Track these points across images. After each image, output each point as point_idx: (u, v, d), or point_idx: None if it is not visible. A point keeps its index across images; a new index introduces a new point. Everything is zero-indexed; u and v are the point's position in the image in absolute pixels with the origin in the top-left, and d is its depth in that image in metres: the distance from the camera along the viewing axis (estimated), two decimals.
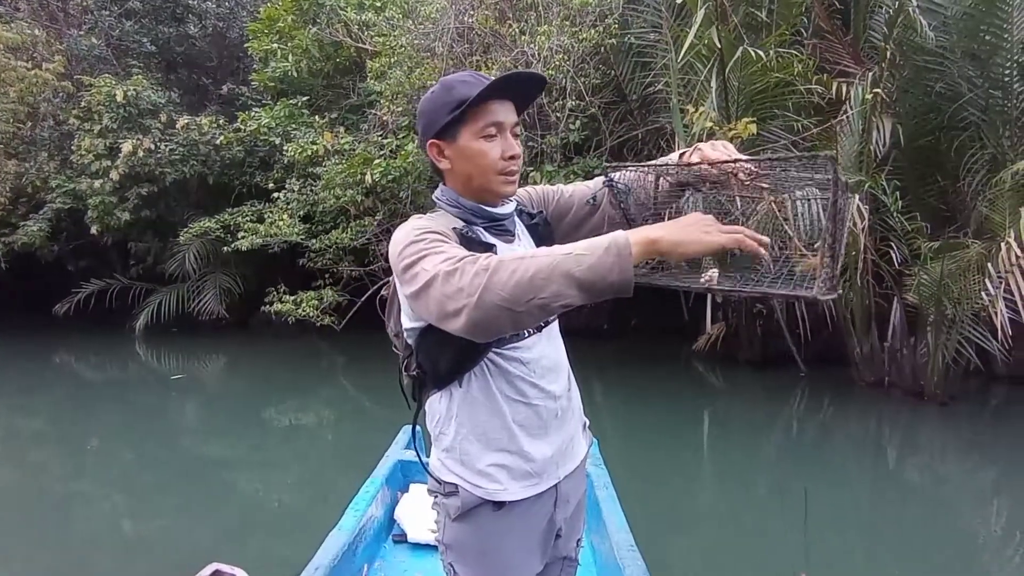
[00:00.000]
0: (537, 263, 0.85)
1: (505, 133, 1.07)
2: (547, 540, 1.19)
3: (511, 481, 1.11)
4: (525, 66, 5.71)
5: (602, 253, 0.84)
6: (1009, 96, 5.69)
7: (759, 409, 5.89)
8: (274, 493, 3.97)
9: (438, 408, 1.15)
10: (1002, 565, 3.15)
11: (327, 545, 1.92)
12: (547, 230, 1.19)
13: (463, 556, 1.15)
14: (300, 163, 7.26)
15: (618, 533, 1.95)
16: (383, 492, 2.39)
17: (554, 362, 1.16)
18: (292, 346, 8.62)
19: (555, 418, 1.15)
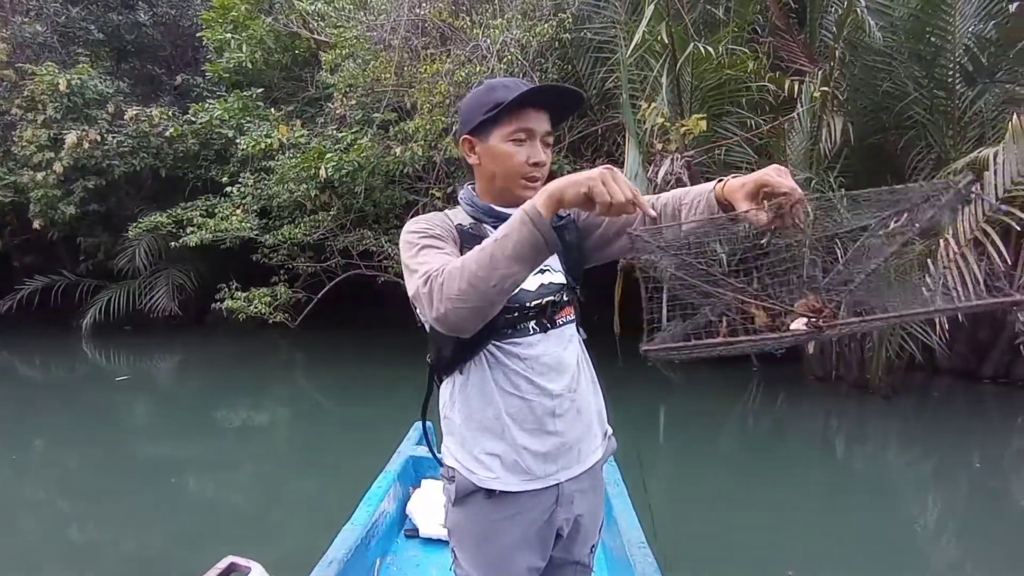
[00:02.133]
0: (476, 258, 0.94)
1: (534, 140, 1.12)
2: (546, 537, 1.19)
3: (504, 471, 1.14)
4: (480, 59, 5.65)
5: (519, 227, 0.93)
6: (952, 97, 5.83)
7: (715, 404, 5.96)
8: (228, 495, 3.86)
9: (444, 394, 1.21)
10: (938, 551, 3.25)
11: (340, 539, 1.94)
12: (575, 235, 1.23)
13: (461, 541, 1.20)
14: (255, 157, 7.08)
15: (629, 530, 1.96)
16: (395, 487, 2.42)
17: (557, 361, 1.17)
18: (250, 343, 8.42)
19: (551, 416, 1.16)
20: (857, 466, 4.69)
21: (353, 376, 6.87)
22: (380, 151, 6.11)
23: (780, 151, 5.62)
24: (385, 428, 5.19)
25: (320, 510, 3.55)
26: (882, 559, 3.02)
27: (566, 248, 1.19)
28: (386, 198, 6.58)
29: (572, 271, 1.22)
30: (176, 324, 8.86)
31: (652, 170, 5.23)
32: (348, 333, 9.24)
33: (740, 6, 6.07)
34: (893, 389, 5.44)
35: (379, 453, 4.56)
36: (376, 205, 6.88)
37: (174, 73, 9.54)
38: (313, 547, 1.96)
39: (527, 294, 1.14)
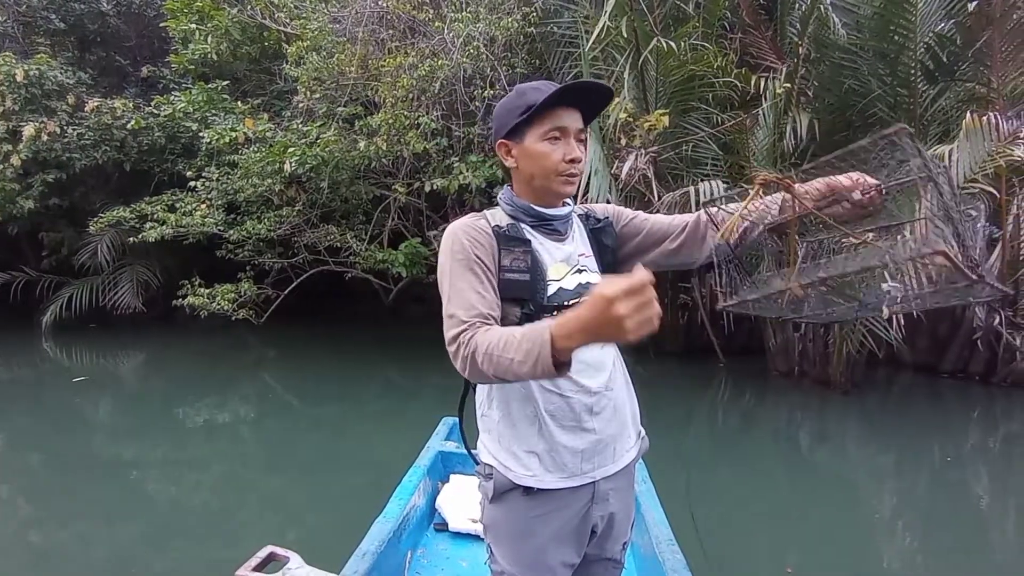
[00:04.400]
0: (498, 361, 0.98)
1: (569, 138, 1.14)
2: (581, 534, 1.21)
3: (542, 470, 1.16)
4: (444, 53, 5.59)
5: (529, 367, 0.95)
6: (914, 94, 5.90)
7: (682, 397, 5.99)
8: (195, 495, 3.78)
9: (482, 392, 1.23)
10: (898, 542, 3.31)
11: (373, 532, 1.97)
12: (612, 239, 1.28)
13: (498, 538, 1.21)
14: (220, 151, 6.95)
15: (657, 527, 1.97)
16: (425, 482, 2.46)
17: (596, 360, 1.19)
18: (219, 341, 8.29)
19: (589, 413, 1.17)
20: (820, 459, 4.75)
21: (323, 373, 6.80)
22: (346, 146, 6.02)
23: (743, 147, 5.63)
24: (355, 425, 5.18)
25: (288, 508, 3.51)
26: (843, 549, 3.06)
27: (602, 250, 1.24)
28: (353, 193, 6.50)
29: (607, 273, 1.24)
30: (143, 321, 8.69)
31: (616, 166, 5.22)
32: (320, 329, 9.15)
33: (710, 2, 6.07)
34: (854, 384, 5.50)
35: (349, 450, 4.56)
36: (345, 201, 6.80)
37: (140, 64, 9.32)
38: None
39: (566, 293, 1.16)
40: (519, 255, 1.14)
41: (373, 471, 3.88)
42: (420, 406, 5.62)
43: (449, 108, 6.48)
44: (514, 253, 1.14)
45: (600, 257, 1.25)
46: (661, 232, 1.29)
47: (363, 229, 6.98)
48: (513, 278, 1.13)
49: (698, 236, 1.27)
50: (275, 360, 7.94)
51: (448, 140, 6.61)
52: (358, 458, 4.34)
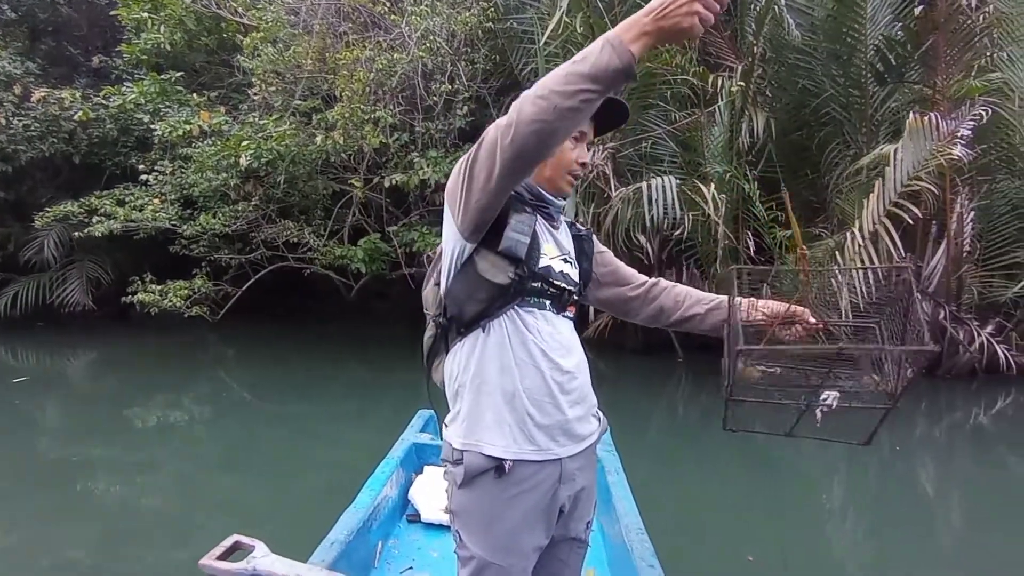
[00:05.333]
0: (552, 77, 0.96)
1: (583, 142, 1.23)
2: (550, 515, 1.23)
3: (512, 442, 1.17)
4: (402, 47, 5.52)
5: (599, 51, 0.94)
6: (865, 95, 6.05)
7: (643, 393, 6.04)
8: (148, 497, 3.65)
9: (458, 361, 1.22)
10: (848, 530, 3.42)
11: (342, 522, 1.96)
12: (590, 255, 1.37)
13: (468, 523, 1.21)
14: (174, 143, 6.76)
15: (627, 516, 2.01)
16: (398, 473, 2.46)
17: (568, 342, 1.25)
18: (176, 339, 8.07)
19: (561, 391, 1.21)
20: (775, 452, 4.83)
21: (285, 371, 6.68)
22: (303, 140, 5.91)
23: (699, 144, 5.71)
24: (317, 423, 5.09)
25: (246, 509, 3.41)
26: (800, 538, 3.14)
27: (580, 257, 1.32)
28: (311, 188, 6.38)
29: (581, 279, 1.33)
30: (94, 319, 8.41)
31: None
32: (282, 326, 8.99)
33: None
34: None
35: (311, 449, 4.47)
36: (304, 196, 6.68)
37: (91, 54, 9.02)
38: None
39: (554, 272, 1.23)
40: (525, 219, 1.18)
41: (336, 470, 3.83)
42: (385, 403, 5.56)
43: (409, 103, 6.42)
44: (521, 216, 1.18)
45: (579, 263, 1.32)
46: (626, 278, 1.43)
47: (322, 225, 6.87)
48: (516, 237, 1.16)
49: (648, 297, 1.41)
50: (235, 358, 7.77)
51: (409, 135, 6.55)
52: (320, 456, 4.26)
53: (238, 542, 1.74)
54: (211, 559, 1.66)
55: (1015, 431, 5.19)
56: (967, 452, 4.82)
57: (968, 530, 3.45)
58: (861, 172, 5.51)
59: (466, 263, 1.17)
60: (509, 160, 1.02)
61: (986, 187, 6.04)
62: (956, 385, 5.98)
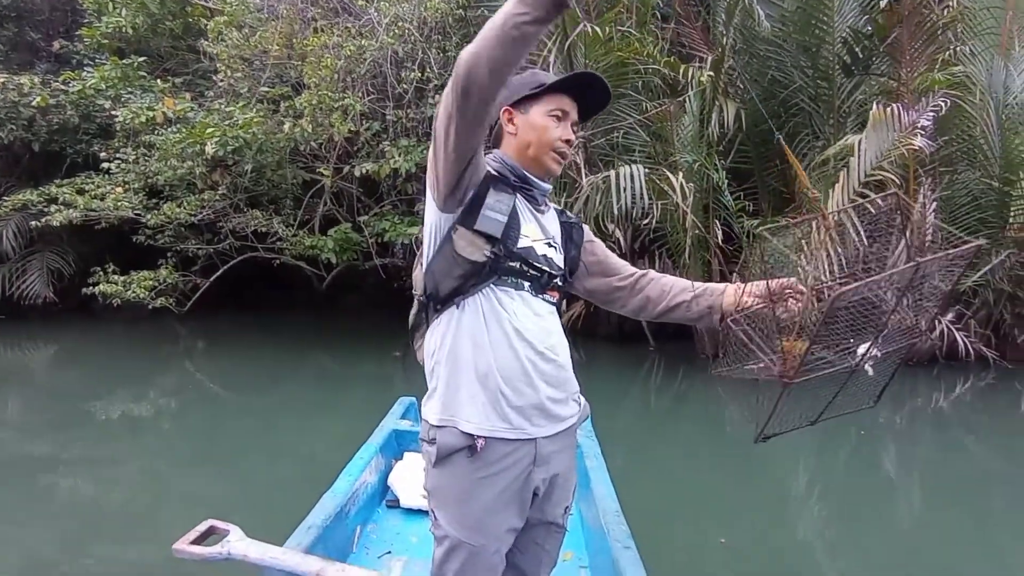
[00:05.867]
0: (490, 26, 0.98)
1: (567, 121, 1.25)
2: (523, 497, 1.23)
3: (485, 420, 1.18)
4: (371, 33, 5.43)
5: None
6: (833, 87, 6.13)
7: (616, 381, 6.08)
8: (115, 493, 3.55)
9: (435, 338, 1.23)
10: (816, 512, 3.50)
11: (320, 506, 1.95)
12: (579, 243, 1.38)
13: (442, 502, 1.23)
14: (137, 130, 6.57)
15: (604, 500, 2.03)
16: (377, 459, 2.45)
17: (547, 325, 1.25)
18: (143, 332, 7.88)
19: (535, 371, 1.21)
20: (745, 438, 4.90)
21: (255, 363, 6.57)
22: (271, 127, 5.80)
23: (669, 134, 5.73)
24: (287, 416, 5.01)
25: (215, 501, 3.34)
26: (770, 521, 3.21)
27: (567, 245, 1.33)
28: (280, 177, 6.26)
29: (566, 265, 1.34)
30: (56, 312, 8.16)
31: None
32: (252, 318, 8.85)
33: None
34: None
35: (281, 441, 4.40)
36: (274, 185, 6.56)
37: (53, 39, 8.72)
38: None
39: (535, 254, 1.23)
40: (503, 199, 1.19)
41: (306, 461, 3.79)
42: (355, 395, 5.52)
43: (380, 91, 6.34)
44: (499, 195, 1.19)
45: (566, 249, 1.33)
46: (614, 268, 1.43)
47: (292, 214, 6.75)
48: (492, 216, 1.17)
49: (636, 288, 1.41)
50: (204, 350, 7.63)
51: (381, 124, 6.46)
52: (290, 448, 4.20)
53: (213, 527, 1.73)
54: (185, 543, 1.65)
55: (973, 415, 5.36)
56: (928, 436, 4.96)
57: (928, 509, 3.57)
58: (828, 162, 5.60)
59: (445, 241, 1.18)
60: (462, 100, 1.01)
61: (948, 178, 6.18)
62: (918, 371, 6.13)
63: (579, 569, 2.00)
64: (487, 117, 1.08)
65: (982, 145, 5.96)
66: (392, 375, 6.18)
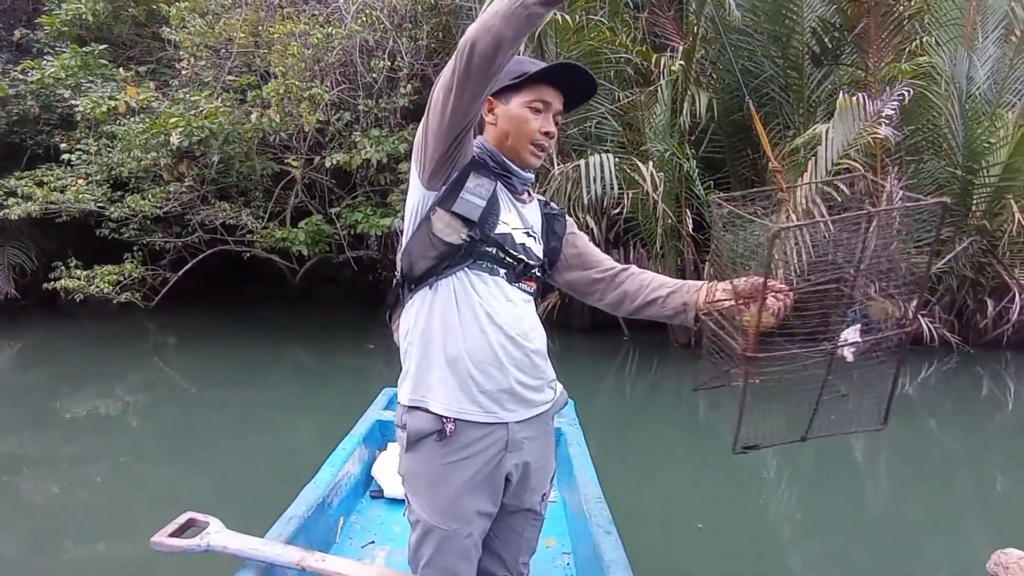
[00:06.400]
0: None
1: (548, 113, 1.23)
2: (495, 483, 1.24)
3: (455, 402, 1.19)
4: (339, 21, 5.34)
5: None
6: (803, 77, 6.18)
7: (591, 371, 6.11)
8: (83, 492, 3.46)
9: (407, 320, 1.24)
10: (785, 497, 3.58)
11: (301, 497, 1.94)
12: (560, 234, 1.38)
13: (414, 487, 1.24)
14: (99, 120, 6.39)
15: (587, 487, 2.05)
16: (360, 450, 2.44)
17: (520, 312, 1.25)
18: (111, 328, 7.69)
19: (507, 356, 1.21)
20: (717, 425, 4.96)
21: (228, 358, 6.46)
22: (238, 117, 5.67)
23: (640, 123, 5.74)
24: (261, 411, 4.94)
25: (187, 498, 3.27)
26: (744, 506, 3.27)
27: (549, 236, 1.33)
28: (249, 168, 6.14)
29: (546, 256, 1.34)
30: (19, 309, 7.93)
31: None
32: (225, 312, 8.68)
33: None
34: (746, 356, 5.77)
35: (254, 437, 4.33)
36: (243, 177, 6.43)
37: (14, 28, 8.42)
38: None
39: (512, 241, 1.23)
40: (484, 183, 1.19)
41: (281, 456, 3.74)
42: (331, 388, 5.46)
43: (351, 81, 6.24)
44: (480, 179, 1.19)
45: (546, 240, 1.33)
46: (595, 260, 1.41)
47: (263, 206, 6.63)
48: (471, 199, 1.18)
49: (615, 282, 1.39)
50: (175, 346, 7.48)
51: (352, 114, 6.36)
52: (264, 443, 4.14)
53: (192, 519, 1.72)
54: (163, 536, 1.64)
55: (937, 399, 5.49)
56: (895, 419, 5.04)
57: (895, 491, 3.68)
58: (798, 151, 5.65)
59: (423, 221, 1.19)
60: (463, 73, 1.02)
61: (913, 167, 6.29)
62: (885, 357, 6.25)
63: (562, 555, 2.02)
64: (484, 92, 1.08)
65: (946, 134, 6.07)
66: (367, 367, 6.13)
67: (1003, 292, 6.45)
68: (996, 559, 1.08)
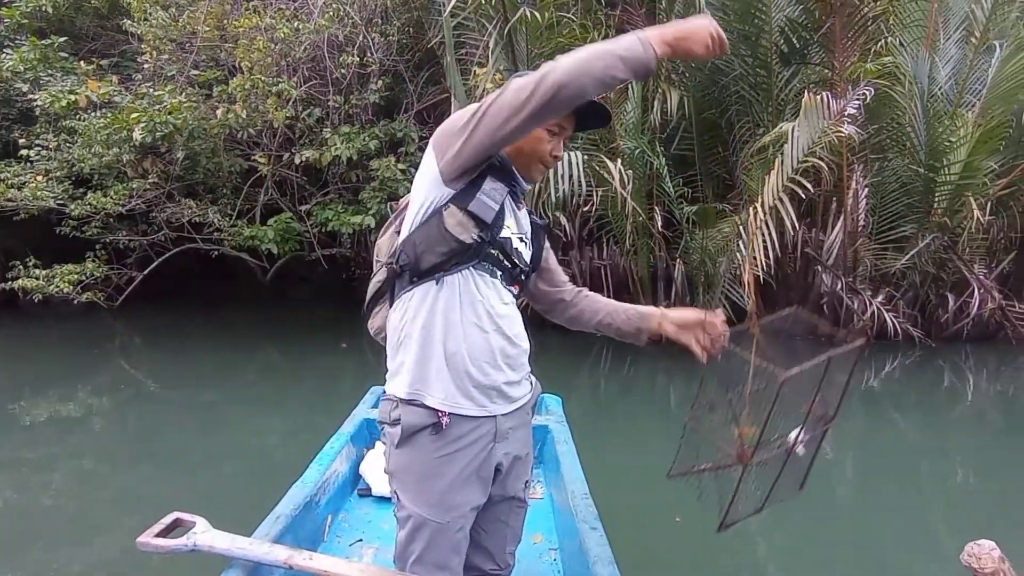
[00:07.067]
0: (596, 48, 1.07)
1: (562, 136, 1.28)
2: (485, 475, 1.27)
3: (450, 397, 1.21)
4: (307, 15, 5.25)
5: (634, 43, 1.06)
6: (771, 75, 6.26)
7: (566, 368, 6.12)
8: (44, 498, 3.34)
9: (405, 313, 1.24)
10: None
11: (289, 496, 1.94)
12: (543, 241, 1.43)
13: (405, 481, 1.25)
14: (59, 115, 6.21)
15: (574, 483, 2.08)
16: (348, 448, 2.44)
17: (513, 313, 1.29)
18: (76, 328, 7.49)
19: (502, 355, 1.25)
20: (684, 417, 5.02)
21: (196, 358, 6.34)
22: (203, 113, 5.56)
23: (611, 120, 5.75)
24: (231, 411, 4.86)
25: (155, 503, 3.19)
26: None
27: (534, 245, 1.37)
28: (216, 165, 6.02)
29: (531, 262, 1.38)
30: None
31: None
32: (194, 312, 8.52)
33: None
34: None
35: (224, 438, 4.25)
36: (211, 174, 6.29)
37: None
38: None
39: (510, 246, 1.27)
40: (499, 188, 1.22)
41: (256, 458, 3.70)
42: (303, 388, 5.39)
43: (321, 77, 6.15)
44: (496, 183, 1.22)
45: (533, 247, 1.37)
46: (560, 279, 1.51)
47: (232, 204, 6.51)
48: (487, 201, 1.21)
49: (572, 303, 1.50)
50: (142, 346, 7.32)
51: (322, 110, 6.28)
52: (237, 445, 4.08)
53: (178, 519, 1.70)
54: (149, 536, 1.61)
55: (901, 391, 5.62)
56: (860, 412, 5.18)
57: (861, 481, 3.78)
58: (766, 149, 5.72)
59: (433, 215, 1.20)
60: (541, 107, 1.07)
61: (878, 165, 6.42)
62: None
63: (548, 551, 2.05)
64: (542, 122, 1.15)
65: (909, 133, 6.20)
66: (341, 366, 6.07)
67: (963, 287, 6.63)
68: (969, 550, 1.12)
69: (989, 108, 6.24)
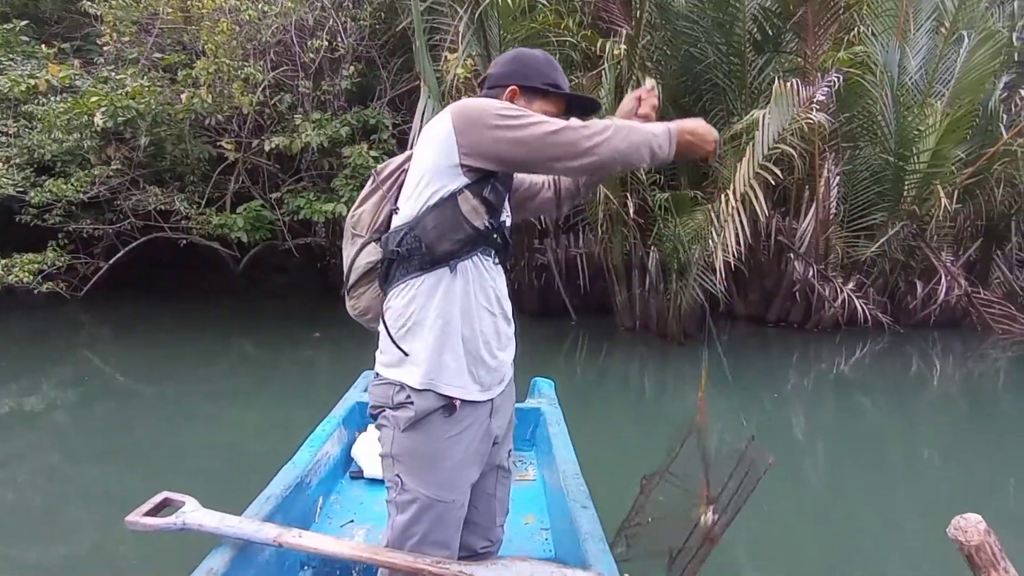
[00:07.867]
0: (640, 135, 1.21)
1: None
2: (485, 450, 1.33)
3: (467, 383, 1.25)
4: None
5: (666, 138, 1.24)
6: (744, 63, 6.27)
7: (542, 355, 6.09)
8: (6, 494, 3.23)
9: (412, 300, 1.23)
10: None
11: (279, 478, 1.95)
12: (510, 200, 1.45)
13: (411, 465, 1.25)
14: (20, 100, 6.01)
15: (565, 464, 2.14)
16: (340, 431, 2.46)
17: (506, 292, 1.35)
18: (41, 320, 7.30)
19: (505, 336, 1.32)
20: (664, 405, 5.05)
21: (166, 350, 6.20)
22: (167, 97, 5.41)
23: None
24: (202, 404, 4.76)
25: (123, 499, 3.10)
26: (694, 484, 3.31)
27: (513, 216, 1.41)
28: (182, 152, 5.87)
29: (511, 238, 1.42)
30: None
31: None
32: (165, 303, 8.36)
33: None
34: (686, 335, 5.88)
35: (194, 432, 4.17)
36: (177, 160, 6.14)
37: None
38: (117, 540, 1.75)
39: (506, 227, 1.31)
40: (505, 178, 1.30)
41: (226, 450, 3.64)
42: (277, 379, 5.32)
43: (291, 62, 6.03)
44: (504, 176, 1.29)
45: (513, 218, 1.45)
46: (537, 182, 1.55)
47: (200, 191, 6.36)
48: (502, 189, 1.27)
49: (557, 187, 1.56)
50: (109, 338, 7.15)
51: (293, 96, 6.15)
52: (210, 437, 4.00)
53: (167, 499, 1.71)
54: (138, 515, 1.61)
55: (869, 377, 5.71)
56: (831, 397, 5.26)
57: (832, 464, 3.85)
58: (739, 137, 5.74)
59: (447, 199, 1.20)
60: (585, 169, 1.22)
61: (849, 153, 6.48)
62: (822, 337, 6.47)
63: (540, 531, 2.07)
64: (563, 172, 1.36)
65: (880, 122, 6.26)
66: (315, 357, 6.00)
67: (931, 274, 6.75)
68: (956, 524, 1.13)
69: (957, 97, 6.33)
